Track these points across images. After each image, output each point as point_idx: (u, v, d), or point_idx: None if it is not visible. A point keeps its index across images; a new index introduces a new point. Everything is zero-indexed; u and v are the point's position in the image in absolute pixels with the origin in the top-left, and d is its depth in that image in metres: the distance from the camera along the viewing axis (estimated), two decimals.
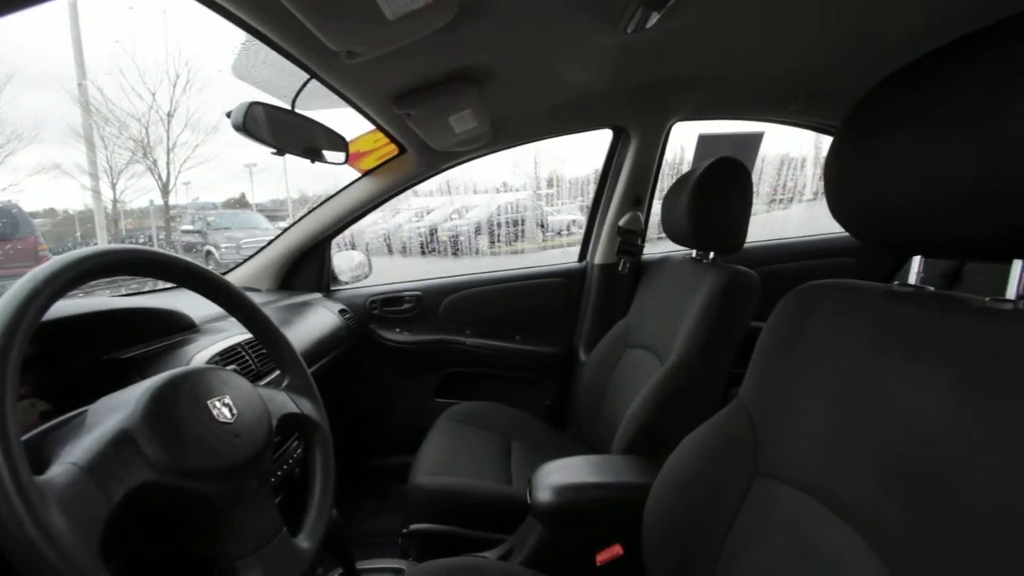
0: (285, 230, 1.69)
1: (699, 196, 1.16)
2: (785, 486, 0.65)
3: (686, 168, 2.04)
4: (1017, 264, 0.47)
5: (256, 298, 1.48)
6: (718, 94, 1.41)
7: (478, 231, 4.45)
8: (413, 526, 1.18)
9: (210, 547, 0.52)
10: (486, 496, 1.22)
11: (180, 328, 1.01)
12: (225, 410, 0.57)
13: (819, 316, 0.68)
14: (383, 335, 1.83)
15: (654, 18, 0.95)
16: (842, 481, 0.57)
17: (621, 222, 1.65)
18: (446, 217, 4.70)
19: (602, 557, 0.91)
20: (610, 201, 1.71)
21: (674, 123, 1.57)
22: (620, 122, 1.59)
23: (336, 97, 1.06)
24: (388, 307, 1.85)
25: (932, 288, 0.59)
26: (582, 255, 1.89)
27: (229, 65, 0.96)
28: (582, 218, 3.75)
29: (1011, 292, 0.48)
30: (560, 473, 0.99)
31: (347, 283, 1.91)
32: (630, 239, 1.64)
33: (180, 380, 0.56)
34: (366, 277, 1.93)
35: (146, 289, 1.44)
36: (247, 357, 1.02)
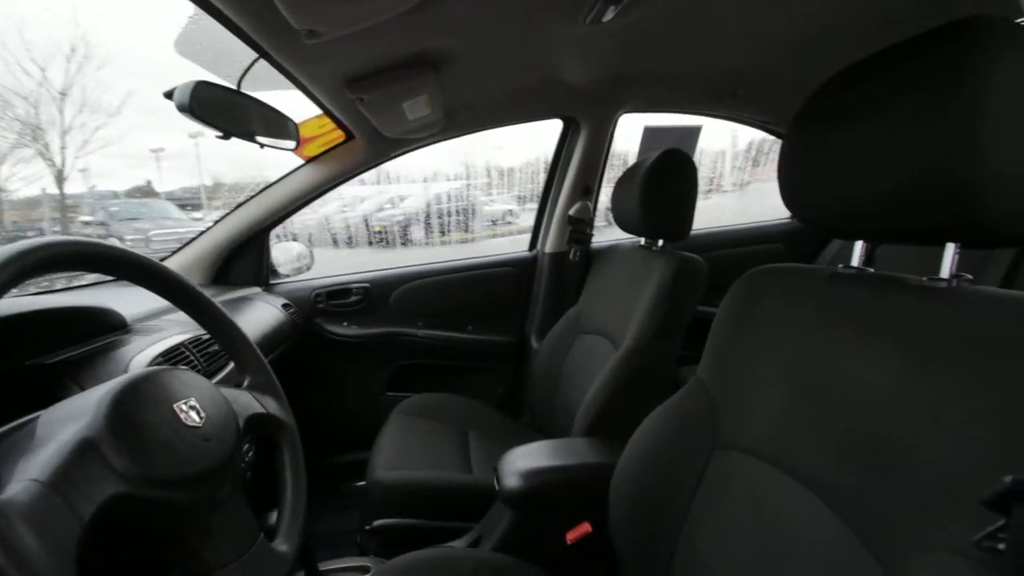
0: (218, 220, 1.57)
1: (649, 187, 1.20)
2: (744, 456, 0.70)
3: (628, 158, 2.11)
4: (950, 247, 0.53)
5: None
6: (664, 88, 1.47)
7: (413, 221, 4.35)
8: (376, 522, 1.16)
9: (188, 558, 0.49)
10: (449, 486, 1.22)
11: (110, 328, 0.92)
12: (193, 413, 0.53)
13: (770, 298, 0.73)
14: (330, 329, 1.77)
15: (611, 12, 0.97)
16: (798, 448, 0.62)
17: (571, 211, 1.68)
18: (379, 207, 4.56)
19: (572, 535, 0.94)
20: (560, 191, 1.74)
21: (621, 114, 1.61)
22: (571, 112, 1.61)
23: (280, 80, 1.00)
24: (334, 300, 1.78)
25: (872, 270, 0.66)
26: (532, 244, 1.91)
27: (172, 40, 0.87)
28: (518, 208, 3.75)
29: (945, 272, 0.54)
30: (526, 459, 1.01)
31: (287, 276, 1.82)
32: (580, 228, 1.68)
33: (141, 383, 0.51)
34: (308, 269, 1.85)
35: (58, 287, 1.29)
36: (192, 357, 0.95)
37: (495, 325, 1.89)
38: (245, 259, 1.65)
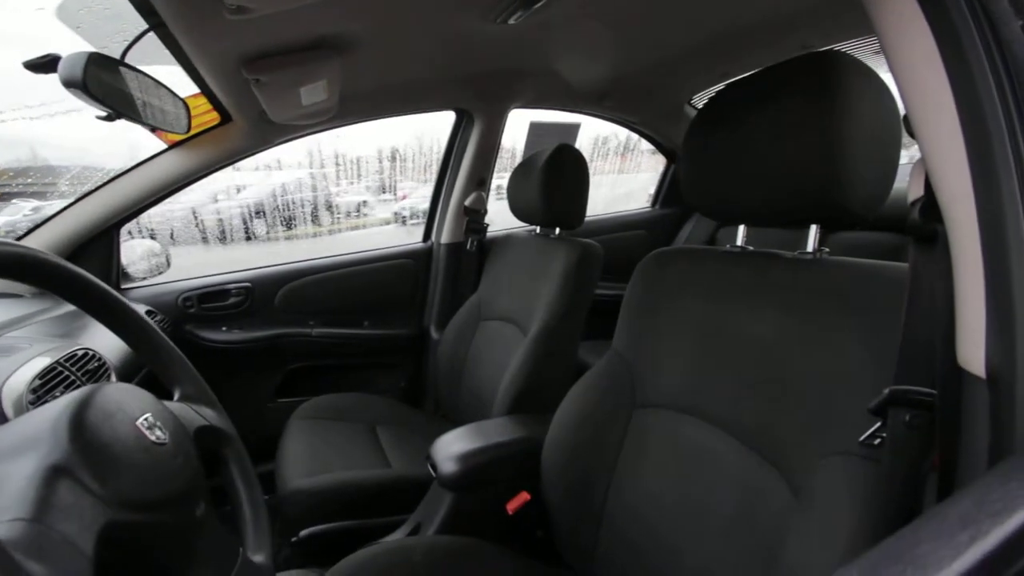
0: (52, 216, 1.30)
1: (548, 179, 1.30)
2: (660, 410, 0.83)
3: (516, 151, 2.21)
4: (813, 229, 0.70)
5: (18, 306, 1.14)
6: (551, 86, 1.58)
7: (254, 214, 3.93)
8: (303, 532, 1.10)
9: None
10: (373, 483, 1.20)
11: None
12: (156, 430, 0.48)
13: (674, 274, 0.87)
14: (204, 336, 1.57)
15: (519, 14, 1.03)
16: (706, 395, 0.76)
17: (467, 202, 1.72)
18: (211, 197, 4.03)
19: (512, 506, 1.00)
20: (454, 182, 1.76)
21: (512, 109, 1.69)
22: (465, 105, 1.64)
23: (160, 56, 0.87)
24: (208, 303, 1.59)
25: (752, 247, 0.82)
26: (427, 235, 1.91)
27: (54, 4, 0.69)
28: (372, 199, 3.60)
29: (810, 247, 0.71)
30: (460, 442, 1.04)
31: (142, 279, 1.57)
32: (476, 218, 1.74)
33: (95, 400, 0.45)
34: (167, 268, 1.61)
35: None
36: (73, 376, 0.80)
37: (392, 318, 1.86)
38: (89, 260, 1.38)
